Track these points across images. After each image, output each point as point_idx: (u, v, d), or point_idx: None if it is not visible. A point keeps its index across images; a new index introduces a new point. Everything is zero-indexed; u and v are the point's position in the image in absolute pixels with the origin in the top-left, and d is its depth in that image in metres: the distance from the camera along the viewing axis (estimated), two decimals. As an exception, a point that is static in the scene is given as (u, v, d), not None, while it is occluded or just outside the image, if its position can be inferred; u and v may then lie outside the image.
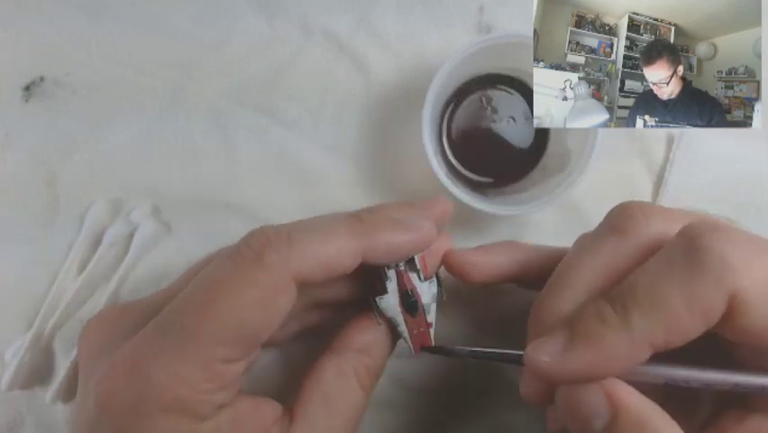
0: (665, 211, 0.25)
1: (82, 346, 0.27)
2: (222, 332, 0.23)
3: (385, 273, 0.28)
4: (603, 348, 0.22)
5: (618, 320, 0.22)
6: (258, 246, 0.24)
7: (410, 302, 0.28)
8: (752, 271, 0.21)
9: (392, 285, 0.28)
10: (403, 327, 0.28)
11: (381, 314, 0.28)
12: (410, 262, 0.29)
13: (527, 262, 0.30)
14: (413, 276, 0.29)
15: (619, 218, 0.26)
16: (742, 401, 0.24)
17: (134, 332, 0.25)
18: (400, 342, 0.29)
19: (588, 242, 0.26)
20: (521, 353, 0.25)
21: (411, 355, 0.29)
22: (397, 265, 0.28)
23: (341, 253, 0.25)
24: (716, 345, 0.23)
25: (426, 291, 0.29)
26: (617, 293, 0.23)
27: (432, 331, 0.29)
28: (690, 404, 0.26)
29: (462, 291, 0.35)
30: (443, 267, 0.30)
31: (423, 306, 0.29)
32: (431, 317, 0.29)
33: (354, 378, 0.27)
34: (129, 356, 0.24)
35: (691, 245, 0.22)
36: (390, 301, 0.28)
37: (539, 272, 0.28)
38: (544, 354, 0.23)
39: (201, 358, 0.23)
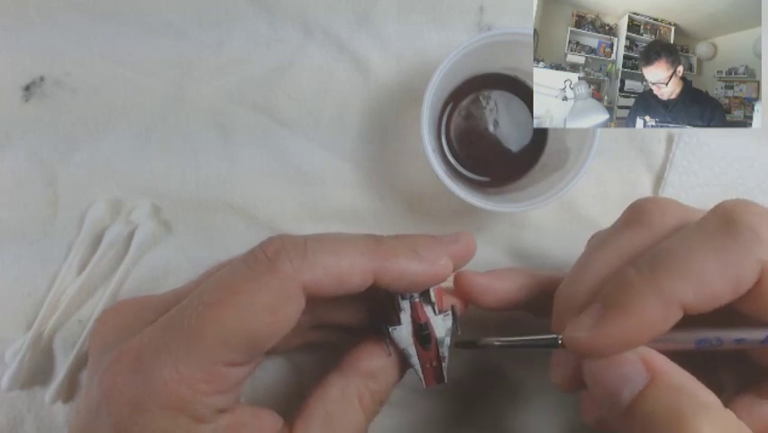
0: (680, 205, 0.26)
1: (94, 337, 0.28)
2: (227, 334, 0.23)
3: (399, 304, 0.28)
4: (635, 311, 0.22)
5: (646, 282, 0.22)
6: (272, 253, 0.25)
7: (423, 335, 0.28)
8: None
9: (405, 316, 0.28)
10: (415, 360, 0.28)
11: (393, 345, 0.28)
12: (425, 295, 0.28)
13: (536, 289, 0.30)
14: (428, 309, 0.28)
15: (635, 213, 0.26)
16: (753, 390, 0.25)
17: (145, 327, 0.25)
18: (410, 372, 0.29)
19: (604, 235, 0.27)
20: (554, 336, 0.25)
21: (423, 388, 0.29)
22: (412, 296, 0.28)
23: (353, 269, 0.25)
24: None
25: (441, 325, 0.28)
26: (642, 260, 0.23)
27: (445, 365, 0.28)
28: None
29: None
30: (458, 302, 0.30)
31: (436, 339, 0.28)
32: (444, 351, 0.28)
33: (357, 401, 0.27)
34: (134, 350, 0.24)
35: (727, 218, 0.23)
36: (403, 332, 0.28)
37: (549, 299, 0.27)
38: (582, 330, 0.23)
39: (204, 358, 0.23)
